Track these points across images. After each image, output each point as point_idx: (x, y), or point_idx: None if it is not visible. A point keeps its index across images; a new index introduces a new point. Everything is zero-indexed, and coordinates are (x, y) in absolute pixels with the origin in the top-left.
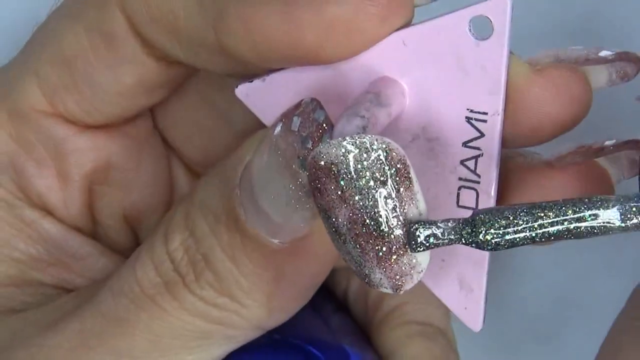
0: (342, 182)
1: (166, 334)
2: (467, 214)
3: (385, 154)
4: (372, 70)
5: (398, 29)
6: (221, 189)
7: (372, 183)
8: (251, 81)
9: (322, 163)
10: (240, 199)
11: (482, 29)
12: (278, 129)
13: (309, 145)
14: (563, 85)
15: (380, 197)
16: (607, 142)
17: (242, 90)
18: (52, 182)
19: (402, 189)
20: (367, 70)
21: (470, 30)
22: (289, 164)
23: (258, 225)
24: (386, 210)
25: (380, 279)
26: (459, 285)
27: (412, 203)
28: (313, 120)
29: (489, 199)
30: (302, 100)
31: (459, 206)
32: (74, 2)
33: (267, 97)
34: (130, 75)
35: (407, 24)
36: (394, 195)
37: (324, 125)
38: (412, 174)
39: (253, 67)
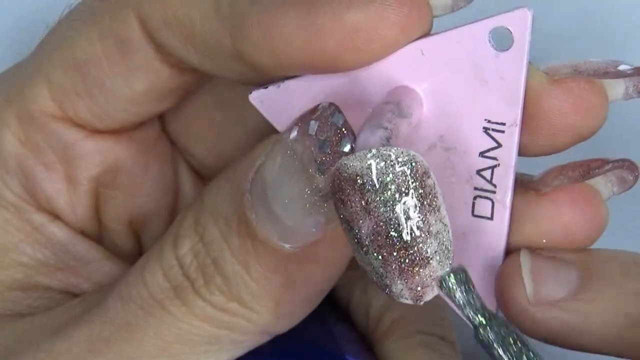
0: (366, 195)
1: (175, 339)
2: (482, 223)
3: (410, 166)
4: (390, 79)
5: (417, 39)
6: (232, 193)
7: (397, 195)
8: (266, 87)
9: (347, 175)
10: (251, 204)
11: (502, 40)
12: (294, 133)
13: (327, 150)
14: (581, 96)
15: (404, 209)
16: (593, 164)
17: (257, 97)
18: (61, 185)
19: (426, 202)
20: (384, 79)
21: (490, 41)
22: (306, 168)
23: (269, 230)
24: (410, 223)
25: (402, 290)
26: None
27: (436, 215)
28: (331, 124)
29: (504, 209)
30: (319, 105)
31: (473, 215)
32: (88, 7)
33: (281, 104)
34: (143, 82)
35: (426, 34)
36: (418, 208)
37: (343, 129)
38: (437, 187)
39: (268, 74)
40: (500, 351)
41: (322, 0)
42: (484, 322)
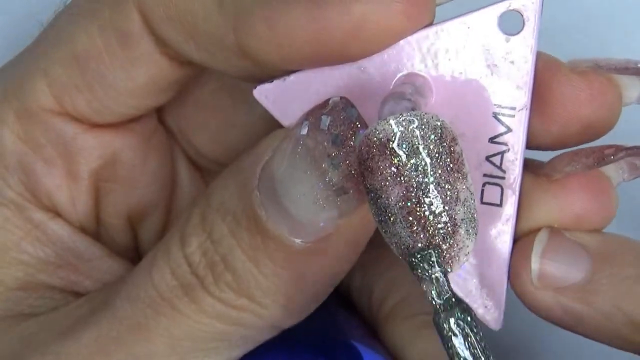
0: (397, 160)
1: (185, 337)
2: (490, 210)
3: (440, 131)
4: (397, 67)
5: (425, 26)
6: (239, 190)
7: (427, 160)
8: (271, 82)
9: (377, 140)
10: (260, 200)
11: (511, 24)
12: (305, 128)
13: (340, 144)
14: (599, 90)
15: (435, 174)
16: (607, 151)
17: (262, 92)
18: (61, 181)
19: (455, 168)
20: (391, 67)
21: (499, 26)
22: (319, 163)
23: (280, 226)
24: (441, 188)
25: None
26: (480, 283)
27: (464, 183)
28: (345, 118)
29: (513, 195)
30: (329, 100)
31: (482, 203)
32: (86, 1)
33: (287, 98)
34: (144, 75)
35: (430, 22)
36: (447, 173)
37: (357, 123)
38: (463, 154)
39: (271, 69)
40: (453, 343)
41: None
42: (444, 307)
